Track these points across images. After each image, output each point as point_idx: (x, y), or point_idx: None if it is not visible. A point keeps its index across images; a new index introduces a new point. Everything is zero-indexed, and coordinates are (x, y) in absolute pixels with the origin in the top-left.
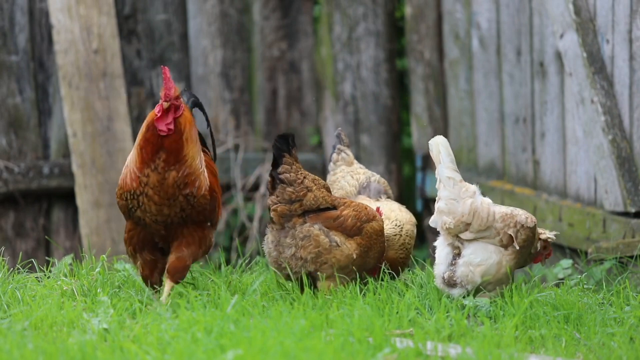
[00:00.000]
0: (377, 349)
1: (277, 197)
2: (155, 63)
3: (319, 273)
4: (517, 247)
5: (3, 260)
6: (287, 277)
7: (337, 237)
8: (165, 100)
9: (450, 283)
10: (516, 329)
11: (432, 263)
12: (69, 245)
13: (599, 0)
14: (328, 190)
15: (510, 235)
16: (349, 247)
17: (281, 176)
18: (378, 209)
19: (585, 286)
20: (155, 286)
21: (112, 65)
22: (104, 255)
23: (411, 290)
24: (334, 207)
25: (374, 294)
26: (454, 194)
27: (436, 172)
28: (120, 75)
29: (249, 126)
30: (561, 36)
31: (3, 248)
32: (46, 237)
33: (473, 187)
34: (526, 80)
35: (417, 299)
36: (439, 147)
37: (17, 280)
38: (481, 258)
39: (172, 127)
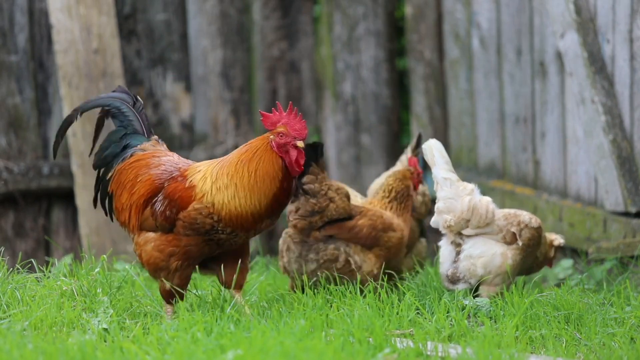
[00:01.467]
0: (377, 349)
1: (298, 210)
2: (155, 63)
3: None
4: (521, 244)
5: (3, 260)
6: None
7: (358, 256)
8: (303, 139)
9: (454, 279)
10: (516, 329)
11: (431, 263)
12: (68, 245)
13: (599, 0)
14: (348, 198)
15: (513, 232)
16: (369, 264)
17: (305, 187)
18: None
19: (585, 286)
20: (177, 300)
21: (112, 65)
22: (104, 256)
23: (411, 290)
24: (351, 217)
25: (374, 294)
26: (451, 194)
27: (432, 174)
28: (120, 75)
29: (249, 126)
30: (562, 36)
31: (3, 248)
32: (46, 237)
33: (471, 186)
34: (526, 80)
35: (417, 299)
36: (433, 150)
37: (16, 281)
38: (481, 250)
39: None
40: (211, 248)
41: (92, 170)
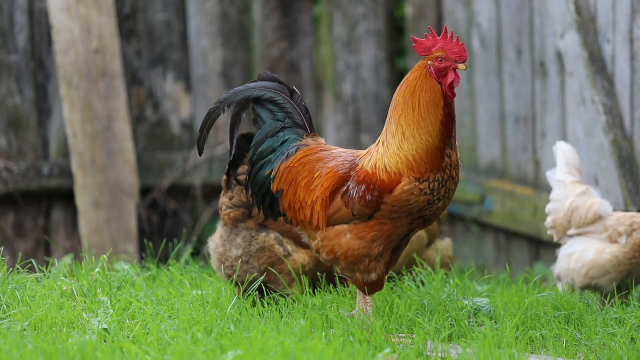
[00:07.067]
0: (377, 349)
1: (232, 199)
2: (155, 63)
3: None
4: (625, 241)
5: (3, 260)
6: (228, 277)
7: (290, 246)
8: (464, 62)
9: (559, 278)
10: (516, 329)
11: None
12: (68, 245)
13: (599, 0)
14: None
15: (619, 231)
16: (300, 256)
17: (239, 177)
18: None
19: None
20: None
21: (111, 65)
22: (104, 256)
23: (412, 290)
24: None
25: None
26: (561, 195)
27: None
28: (120, 75)
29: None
30: (562, 36)
31: (2, 248)
32: (45, 237)
33: (583, 187)
34: (527, 80)
35: (416, 299)
36: (558, 153)
37: (16, 281)
38: (575, 248)
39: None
40: (410, 229)
41: (92, 170)
